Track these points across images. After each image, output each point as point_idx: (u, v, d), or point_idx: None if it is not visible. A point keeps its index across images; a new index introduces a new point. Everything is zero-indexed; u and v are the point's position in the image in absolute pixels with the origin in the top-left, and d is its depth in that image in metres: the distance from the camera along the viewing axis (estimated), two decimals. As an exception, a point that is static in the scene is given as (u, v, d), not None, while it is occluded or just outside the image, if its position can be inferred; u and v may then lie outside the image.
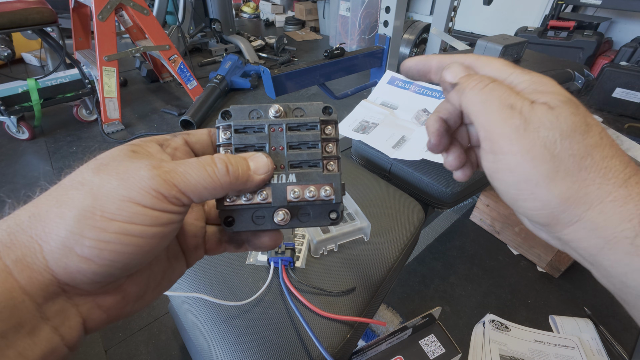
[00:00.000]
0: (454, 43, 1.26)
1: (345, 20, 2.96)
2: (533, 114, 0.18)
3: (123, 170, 0.17)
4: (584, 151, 0.17)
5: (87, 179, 0.17)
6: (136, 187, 0.16)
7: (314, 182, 0.22)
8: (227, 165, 0.19)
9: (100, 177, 0.17)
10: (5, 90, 1.57)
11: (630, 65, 1.89)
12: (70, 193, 0.16)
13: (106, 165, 0.17)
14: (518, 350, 0.81)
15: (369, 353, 0.68)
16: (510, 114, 0.18)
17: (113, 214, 0.16)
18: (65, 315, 0.16)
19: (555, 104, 0.18)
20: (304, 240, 0.52)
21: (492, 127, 0.19)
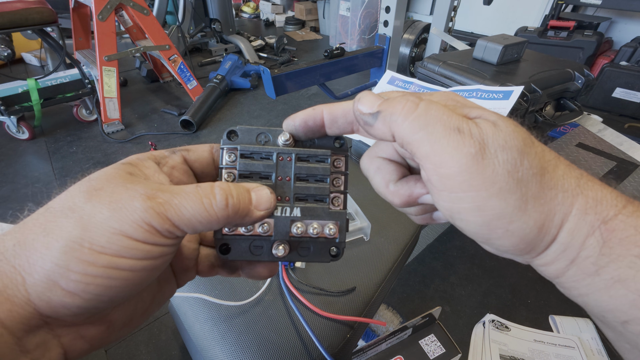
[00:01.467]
0: (454, 43, 1.26)
1: (345, 20, 2.96)
2: (483, 133, 0.15)
3: (116, 199, 0.16)
4: (540, 166, 0.15)
5: (78, 206, 0.16)
6: (128, 220, 0.15)
7: (319, 219, 0.21)
8: (227, 197, 0.17)
9: (92, 205, 0.15)
10: (5, 90, 1.57)
11: (630, 65, 1.89)
12: (59, 221, 0.15)
13: (99, 191, 0.16)
14: (518, 350, 0.81)
15: (369, 353, 0.68)
16: (461, 140, 0.15)
17: (102, 246, 0.15)
18: (46, 347, 0.15)
19: (493, 118, 0.16)
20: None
21: (442, 160, 0.15)
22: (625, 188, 1.10)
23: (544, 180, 0.15)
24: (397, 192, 0.20)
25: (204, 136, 1.82)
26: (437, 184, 0.16)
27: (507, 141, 0.15)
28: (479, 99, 0.72)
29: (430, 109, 0.16)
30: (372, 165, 0.21)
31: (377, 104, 0.17)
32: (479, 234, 0.16)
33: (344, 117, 0.20)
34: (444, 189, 0.16)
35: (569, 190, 0.15)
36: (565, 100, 0.85)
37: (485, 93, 0.72)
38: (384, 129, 0.17)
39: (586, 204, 0.15)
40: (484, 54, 0.86)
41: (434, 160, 0.16)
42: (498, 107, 0.68)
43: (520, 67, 0.85)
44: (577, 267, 0.15)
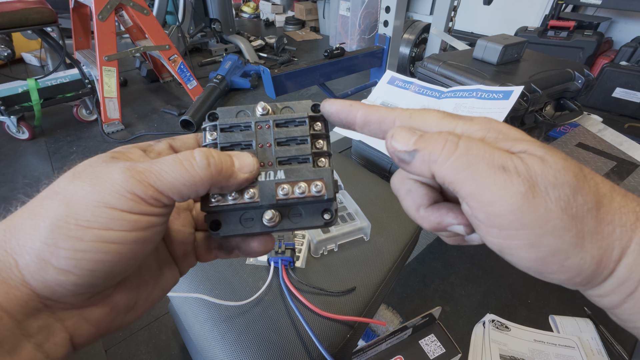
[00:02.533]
0: (454, 43, 1.26)
1: (345, 20, 2.96)
2: (532, 170, 0.15)
3: (96, 176, 0.16)
4: (595, 200, 0.14)
5: (62, 187, 0.16)
6: (109, 191, 0.15)
7: (304, 178, 0.21)
8: (207, 158, 0.17)
9: (74, 185, 0.16)
10: (5, 90, 1.57)
11: (630, 65, 1.89)
12: (44, 203, 0.16)
13: (81, 173, 0.16)
14: (518, 350, 0.81)
15: (369, 353, 0.68)
16: (508, 179, 0.14)
17: (88, 220, 0.15)
18: (49, 331, 0.15)
19: (541, 153, 0.15)
20: (304, 240, 0.52)
21: (490, 198, 0.15)
22: (625, 188, 1.10)
23: (600, 214, 0.14)
24: (428, 218, 0.19)
25: (204, 136, 1.82)
26: (485, 221, 0.15)
27: (557, 177, 0.14)
28: (479, 98, 0.72)
29: (471, 147, 0.15)
30: (403, 187, 0.20)
31: (413, 140, 0.17)
32: (532, 268, 0.16)
33: (377, 125, 0.19)
34: (493, 226, 0.15)
35: (627, 225, 0.14)
36: (565, 100, 0.85)
37: (485, 93, 0.72)
38: (423, 168, 0.17)
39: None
40: (484, 54, 0.86)
41: (480, 199, 0.15)
42: (498, 107, 0.68)
43: (520, 67, 0.85)
44: (635, 300, 0.15)
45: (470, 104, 0.72)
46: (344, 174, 0.66)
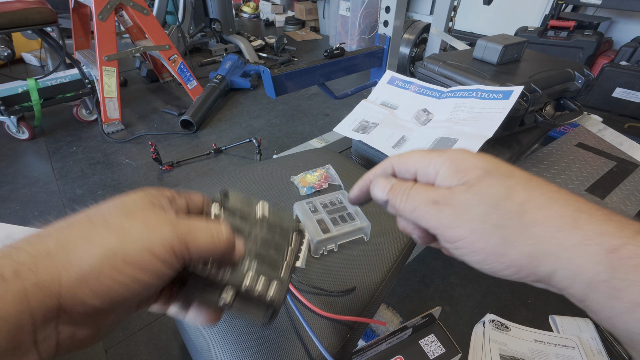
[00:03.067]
0: (454, 43, 1.26)
1: (345, 20, 2.96)
2: (455, 199, 0.20)
3: (149, 222, 0.19)
4: (518, 210, 0.18)
5: (117, 222, 0.19)
6: (157, 239, 0.19)
7: (268, 278, 0.25)
8: (231, 235, 0.22)
9: (130, 222, 0.19)
10: (5, 90, 1.57)
11: (630, 65, 1.89)
12: (99, 230, 0.18)
13: (133, 212, 0.20)
14: (518, 350, 0.81)
15: (369, 353, 0.68)
16: (439, 209, 0.20)
17: (132, 259, 0.18)
18: (49, 341, 0.17)
19: (473, 182, 0.20)
20: (305, 241, 0.52)
21: (433, 225, 0.21)
22: (625, 188, 1.10)
23: (524, 220, 0.18)
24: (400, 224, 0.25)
25: (204, 136, 1.82)
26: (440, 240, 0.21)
27: (477, 199, 0.19)
28: (479, 98, 0.72)
29: (415, 194, 0.22)
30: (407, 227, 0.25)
31: (385, 192, 0.24)
32: (485, 268, 0.20)
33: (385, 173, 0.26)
34: (446, 242, 0.21)
35: (562, 226, 0.17)
36: (565, 100, 0.85)
37: (485, 93, 0.72)
38: (393, 211, 0.24)
39: (585, 237, 0.17)
40: (484, 54, 0.86)
41: (429, 226, 0.21)
42: (498, 107, 0.68)
43: (520, 67, 0.85)
44: (596, 291, 0.16)
45: (470, 104, 0.72)
46: (344, 174, 0.66)
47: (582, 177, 1.15)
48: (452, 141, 0.63)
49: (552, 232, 0.17)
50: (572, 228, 0.17)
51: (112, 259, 0.17)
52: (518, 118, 0.77)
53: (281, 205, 0.58)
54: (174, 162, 1.57)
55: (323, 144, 1.40)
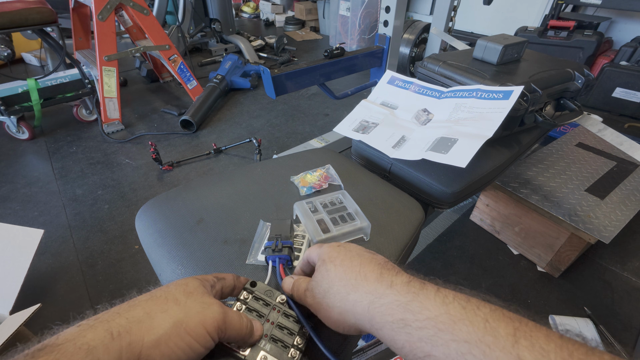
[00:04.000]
0: (454, 43, 1.26)
1: (345, 20, 2.96)
2: (309, 285, 0.32)
3: (204, 302, 0.27)
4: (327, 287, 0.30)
5: (182, 299, 0.26)
6: (210, 318, 0.26)
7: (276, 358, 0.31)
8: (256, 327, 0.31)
9: (191, 300, 0.26)
10: (5, 90, 1.57)
11: (630, 65, 1.89)
12: (171, 305, 0.25)
13: (192, 293, 0.27)
14: (518, 350, 0.81)
15: (369, 353, 0.68)
16: (307, 295, 0.32)
17: (191, 329, 0.24)
18: None
19: (319, 268, 0.32)
20: (304, 241, 0.52)
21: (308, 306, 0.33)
22: (625, 188, 1.10)
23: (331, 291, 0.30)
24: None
25: (204, 136, 1.82)
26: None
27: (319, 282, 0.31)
28: (479, 98, 0.72)
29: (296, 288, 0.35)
30: None
31: (290, 289, 0.35)
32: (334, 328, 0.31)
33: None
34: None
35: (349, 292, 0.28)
36: (565, 100, 0.85)
37: (485, 93, 0.72)
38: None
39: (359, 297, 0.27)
40: (484, 53, 0.86)
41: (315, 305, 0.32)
42: (498, 107, 0.68)
43: (520, 67, 0.85)
44: (373, 331, 0.26)
45: (470, 104, 0.72)
46: (344, 174, 0.66)
47: (582, 177, 1.15)
48: (452, 141, 0.63)
49: (345, 296, 0.28)
50: (354, 291, 0.28)
51: (178, 328, 0.24)
52: (518, 118, 0.77)
53: (281, 205, 0.58)
54: (174, 162, 1.57)
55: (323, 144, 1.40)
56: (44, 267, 1.09)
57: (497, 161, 0.78)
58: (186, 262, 0.49)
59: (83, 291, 1.02)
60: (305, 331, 0.34)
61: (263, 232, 0.53)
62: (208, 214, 0.55)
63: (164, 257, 0.50)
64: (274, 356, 0.31)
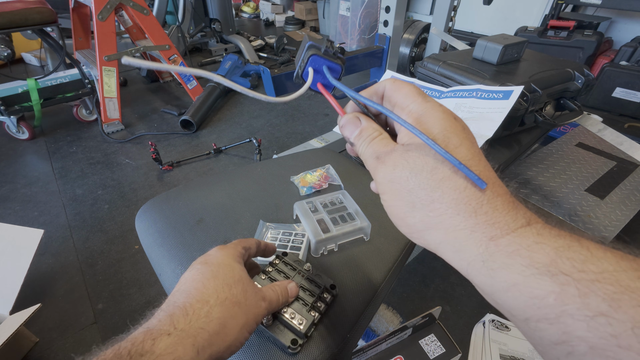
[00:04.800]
0: (454, 43, 1.26)
1: (345, 20, 2.96)
2: (389, 158, 0.22)
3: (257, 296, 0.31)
4: (433, 185, 0.20)
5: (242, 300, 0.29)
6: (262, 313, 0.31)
7: (299, 313, 0.38)
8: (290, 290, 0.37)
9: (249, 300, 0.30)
10: (5, 90, 1.57)
11: (630, 65, 1.89)
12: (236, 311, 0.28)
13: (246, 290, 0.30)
14: (518, 350, 0.81)
15: (369, 353, 0.68)
16: (377, 163, 0.23)
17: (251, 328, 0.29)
18: None
19: (411, 147, 0.21)
20: (304, 240, 0.52)
21: (374, 174, 0.23)
22: (625, 188, 1.10)
23: (434, 195, 0.20)
24: None
25: (204, 136, 1.82)
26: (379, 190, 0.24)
27: (404, 163, 0.21)
28: (479, 98, 0.72)
29: (369, 147, 0.24)
30: None
31: (354, 136, 0.25)
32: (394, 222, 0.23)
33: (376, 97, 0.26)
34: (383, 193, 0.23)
35: (461, 212, 0.19)
36: (565, 100, 0.85)
37: (485, 93, 0.72)
38: (356, 153, 0.26)
39: (476, 225, 0.19)
40: (484, 53, 0.86)
41: (372, 175, 0.24)
42: (498, 106, 0.68)
43: (520, 67, 0.85)
44: (475, 269, 0.19)
45: (470, 104, 0.72)
46: (344, 174, 0.66)
47: (582, 177, 1.15)
48: (452, 141, 0.63)
49: (450, 213, 0.19)
50: (468, 215, 0.19)
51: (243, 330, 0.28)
52: (518, 118, 0.77)
53: (281, 205, 0.58)
54: (174, 162, 1.57)
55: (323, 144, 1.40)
56: (44, 267, 1.09)
57: (497, 161, 0.78)
58: (186, 262, 0.49)
59: (83, 291, 1.02)
60: (326, 296, 0.41)
61: (263, 232, 0.53)
62: (208, 214, 0.55)
63: (164, 257, 0.50)
64: (294, 309, 0.38)
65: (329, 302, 0.41)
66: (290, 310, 0.38)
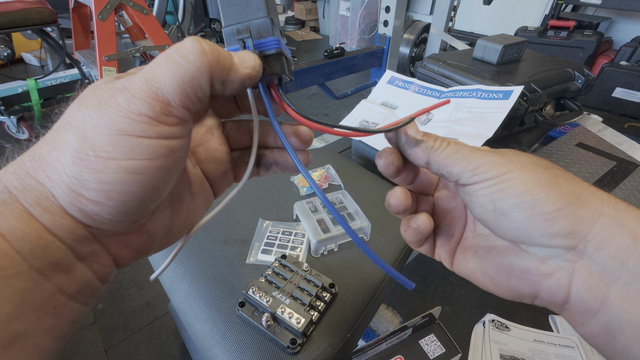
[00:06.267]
0: (454, 43, 1.26)
1: (345, 20, 2.96)
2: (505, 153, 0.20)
3: (99, 102, 0.15)
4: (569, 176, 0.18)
5: (71, 116, 0.15)
6: (117, 116, 0.15)
7: (296, 312, 0.38)
8: (200, 43, 0.16)
9: (82, 112, 0.15)
10: (5, 90, 1.57)
11: (630, 65, 1.89)
12: (61, 134, 0.15)
13: (84, 99, 0.16)
14: (518, 350, 0.81)
15: (369, 353, 0.68)
16: (485, 153, 0.19)
17: (107, 151, 0.14)
18: (97, 255, 0.17)
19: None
20: (304, 240, 0.52)
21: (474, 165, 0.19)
22: (625, 188, 1.10)
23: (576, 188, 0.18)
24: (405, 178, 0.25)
25: (204, 136, 1.82)
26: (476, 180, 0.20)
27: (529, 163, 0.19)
28: (479, 98, 0.72)
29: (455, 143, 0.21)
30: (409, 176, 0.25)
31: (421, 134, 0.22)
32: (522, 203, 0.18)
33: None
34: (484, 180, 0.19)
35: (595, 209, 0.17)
36: (565, 100, 0.85)
37: (485, 93, 0.72)
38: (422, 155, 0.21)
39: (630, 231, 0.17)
40: (484, 53, 0.86)
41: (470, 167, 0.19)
42: (498, 106, 0.68)
43: (520, 67, 0.85)
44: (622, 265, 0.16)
45: (470, 104, 0.72)
46: (344, 174, 0.66)
47: (582, 177, 1.14)
48: (452, 141, 0.63)
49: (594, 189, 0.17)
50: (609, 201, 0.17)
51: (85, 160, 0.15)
52: (518, 118, 0.77)
53: (281, 205, 0.58)
54: (174, 162, 1.57)
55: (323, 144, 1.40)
56: (44, 267, 1.09)
57: (497, 161, 0.78)
58: (186, 262, 0.49)
59: (83, 291, 1.02)
60: (325, 295, 0.42)
61: (263, 231, 0.53)
62: (208, 214, 0.55)
63: (163, 257, 0.50)
64: (292, 309, 0.38)
65: (329, 301, 0.41)
66: (289, 310, 0.38)
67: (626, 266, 0.16)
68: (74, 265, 0.16)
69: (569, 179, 0.18)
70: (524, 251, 0.19)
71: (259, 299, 0.40)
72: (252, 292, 0.41)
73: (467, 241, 0.24)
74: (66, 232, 0.15)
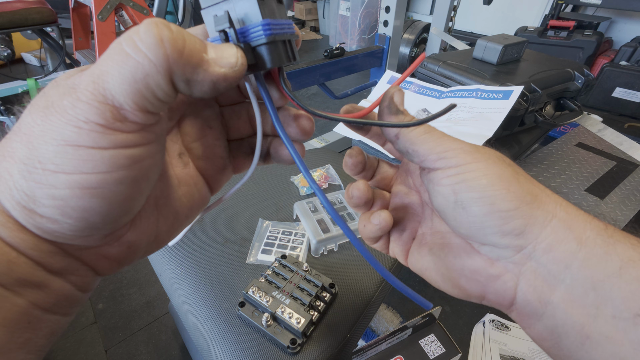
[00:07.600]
0: (454, 43, 1.26)
1: (345, 20, 2.96)
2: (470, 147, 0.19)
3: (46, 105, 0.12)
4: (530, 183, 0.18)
5: (22, 120, 0.13)
6: (62, 124, 0.12)
7: (296, 312, 0.38)
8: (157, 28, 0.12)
9: (31, 117, 0.13)
10: (5, 90, 1.57)
11: (630, 65, 1.89)
12: (10, 141, 0.13)
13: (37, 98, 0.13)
14: (518, 350, 0.81)
15: (369, 353, 0.68)
16: (453, 139, 0.19)
17: (55, 164, 0.12)
18: (73, 268, 0.15)
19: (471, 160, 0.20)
20: (304, 240, 0.52)
21: (445, 148, 0.18)
22: (625, 188, 1.10)
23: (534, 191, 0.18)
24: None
25: (204, 136, 1.82)
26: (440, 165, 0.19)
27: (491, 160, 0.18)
28: (479, 98, 0.72)
29: (429, 126, 0.20)
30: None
31: (402, 107, 0.21)
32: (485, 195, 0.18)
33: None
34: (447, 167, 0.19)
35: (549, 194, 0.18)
36: (565, 100, 0.85)
37: (485, 93, 0.72)
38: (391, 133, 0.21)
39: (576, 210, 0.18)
40: (483, 53, 0.86)
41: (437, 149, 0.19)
42: (498, 106, 0.68)
43: (520, 67, 0.85)
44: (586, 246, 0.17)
45: (470, 104, 0.72)
46: (344, 174, 0.66)
47: (581, 177, 1.15)
48: (452, 141, 0.63)
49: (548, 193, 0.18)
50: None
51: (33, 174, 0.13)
52: (518, 118, 0.77)
53: (281, 205, 0.58)
54: (174, 162, 1.57)
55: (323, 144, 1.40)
56: (44, 267, 1.09)
57: (497, 161, 0.78)
58: (186, 262, 0.49)
59: (83, 291, 1.02)
60: (324, 295, 0.42)
61: (263, 231, 0.53)
62: (208, 213, 0.55)
63: (163, 256, 0.50)
64: (292, 309, 0.38)
65: (329, 301, 0.41)
66: (289, 310, 0.38)
67: (570, 270, 0.16)
68: (47, 280, 0.14)
69: (528, 178, 0.18)
70: (476, 251, 0.19)
71: (259, 299, 0.40)
72: (252, 292, 0.41)
73: (423, 238, 0.23)
74: (29, 249, 0.13)
